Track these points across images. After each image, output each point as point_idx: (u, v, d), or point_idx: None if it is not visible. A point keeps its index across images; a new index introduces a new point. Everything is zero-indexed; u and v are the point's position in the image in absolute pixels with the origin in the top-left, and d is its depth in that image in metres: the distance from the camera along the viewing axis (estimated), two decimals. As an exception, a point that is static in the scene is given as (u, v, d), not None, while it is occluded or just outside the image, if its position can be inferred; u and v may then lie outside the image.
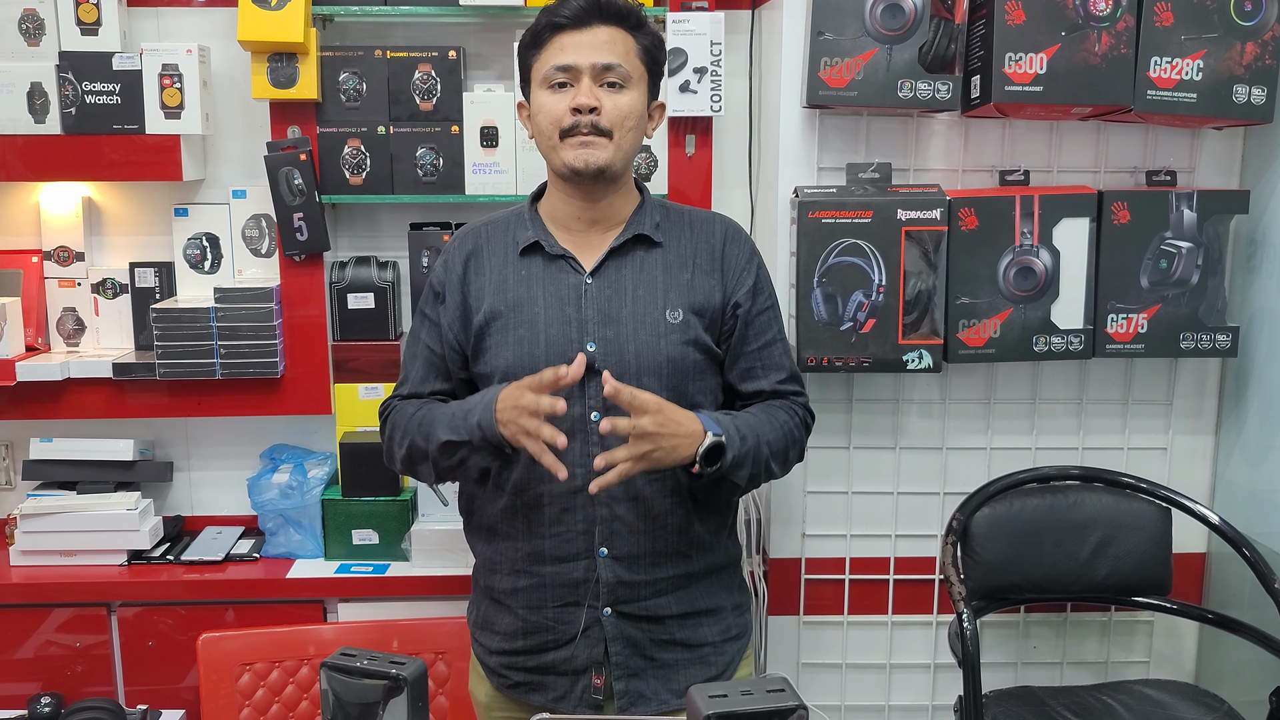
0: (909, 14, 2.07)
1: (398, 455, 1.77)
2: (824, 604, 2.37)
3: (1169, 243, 2.18)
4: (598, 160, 1.65)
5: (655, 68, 1.73)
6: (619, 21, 1.67)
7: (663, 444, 1.58)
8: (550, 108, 1.66)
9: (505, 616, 1.77)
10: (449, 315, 1.75)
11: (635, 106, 1.68)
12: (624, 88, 1.66)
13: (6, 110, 2.25)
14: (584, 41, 1.65)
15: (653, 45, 1.71)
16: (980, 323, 2.17)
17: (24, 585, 2.31)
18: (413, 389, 1.79)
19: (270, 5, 2.19)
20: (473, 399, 1.67)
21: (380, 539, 2.40)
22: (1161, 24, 2.07)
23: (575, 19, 1.64)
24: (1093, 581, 2.20)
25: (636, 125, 1.69)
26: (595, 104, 1.64)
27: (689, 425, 1.61)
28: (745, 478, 1.69)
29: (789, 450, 1.76)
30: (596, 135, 1.65)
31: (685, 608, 1.75)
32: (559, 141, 1.66)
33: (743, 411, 1.76)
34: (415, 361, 1.80)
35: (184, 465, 2.56)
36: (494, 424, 1.60)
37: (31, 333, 2.41)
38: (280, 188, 2.28)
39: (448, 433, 1.66)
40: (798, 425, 1.79)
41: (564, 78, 1.65)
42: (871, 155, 2.22)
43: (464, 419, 1.64)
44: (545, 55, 1.67)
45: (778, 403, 1.79)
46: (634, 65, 1.68)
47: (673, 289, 1.72)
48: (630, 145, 1.70)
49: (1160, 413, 2.35)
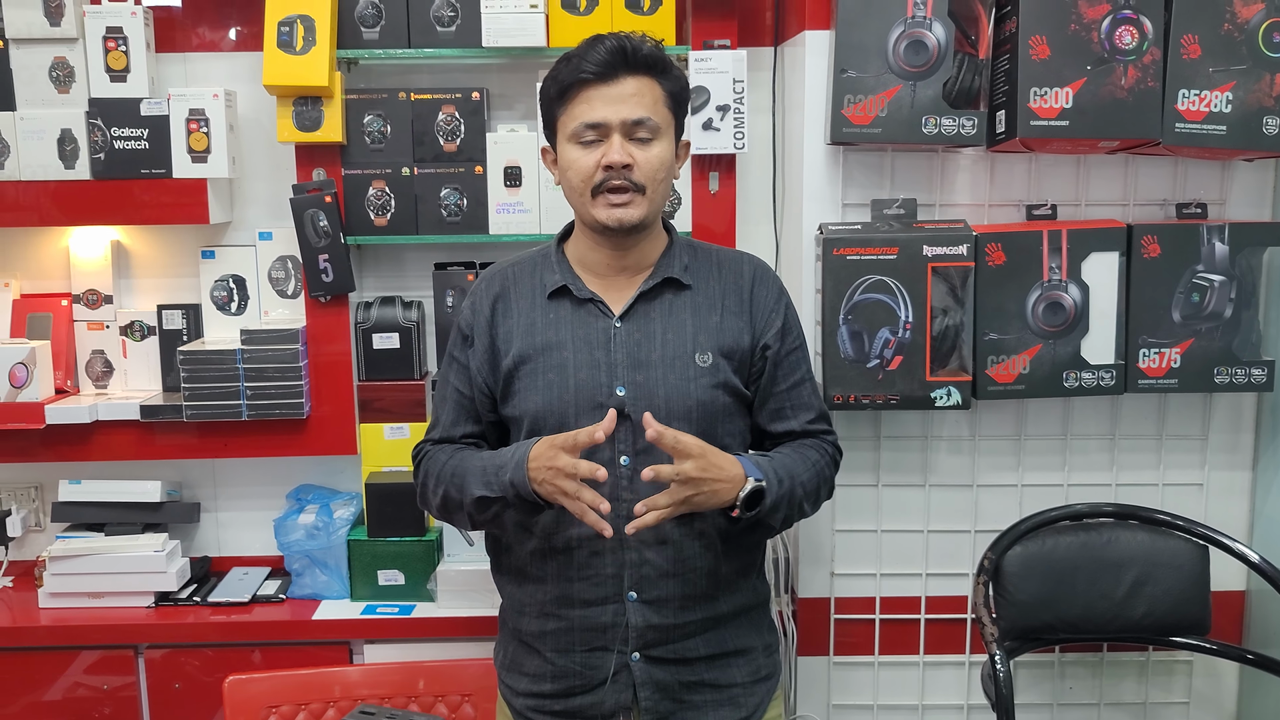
0: (932, 50, 2.06)
1: (433, 503, 1.77)
2: (854, 644, 2.34)
3: (1201, 276, 2.15)
4: (632, 218, 1.65)
5: (681, 111, 1.72)
6: (646, 70, 1.64)
7: (704, 489, 1.58)
8: (580, 164, 1.65)
9: (533, 659, 1.76)
10: (477, 358, 1.75)
11: (665, 157, 1.67)
12: (653, 140, 1.65)
13: (38, 157, 2.28)
14: (612, 95, 1.62)
15: (679, 90, 1.70)
16: (1009, 359, 2.14)
17: (53, 628, 2.32)
18: (444, 433, 1.79)
19: (295, 50, 2.21)
20: (504, 454, 1.66)
21: (406, 579, 2.39)
22: (1189, 56, 2.05)
23: (602, 72, 1.62)
24: (1129, 621, 2.16)
25: (667, 175, 1.69)
26: (627, 161, 1.63)
27: (730, 469, 1.60)
28: (780, 520, 1.69)
29: (820, 489, 1.77)
30: (630, 192, 1.64)
31: (714, 649, 1.74)
32: (590, 199, 1.65)
33: (775, 453, 1.75)
34: (445, 404, 1.80)
35: (211, 506, 2.56)
36: (527, 482, 1.59)
37: (61, 375, 2.43)
38: (306, 229, 2.29)
39: (481, 488, 1.65)
40: (828, 463, 1.79)
41: (594, 134, 1.64)
42: (897, 191, 2.21)
43: (496, 475, 1.64)
44: (573, 110, 1.65)
45: (808, 441, 1.78)
46: (662, 115, 1.66)
47: (702, 332, 1.72)
48: (662, 196, 1.70)
49: (1195, 448, 2.31)
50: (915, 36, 2.06)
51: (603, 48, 1.62)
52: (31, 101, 2.30)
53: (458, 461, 1.72)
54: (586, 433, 1.55)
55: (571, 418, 1.68)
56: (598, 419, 1.65)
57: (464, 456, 1.73)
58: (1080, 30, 2.03)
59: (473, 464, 1.70)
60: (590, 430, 1.55)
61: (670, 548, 1.68)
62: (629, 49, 1.62)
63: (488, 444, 1.80)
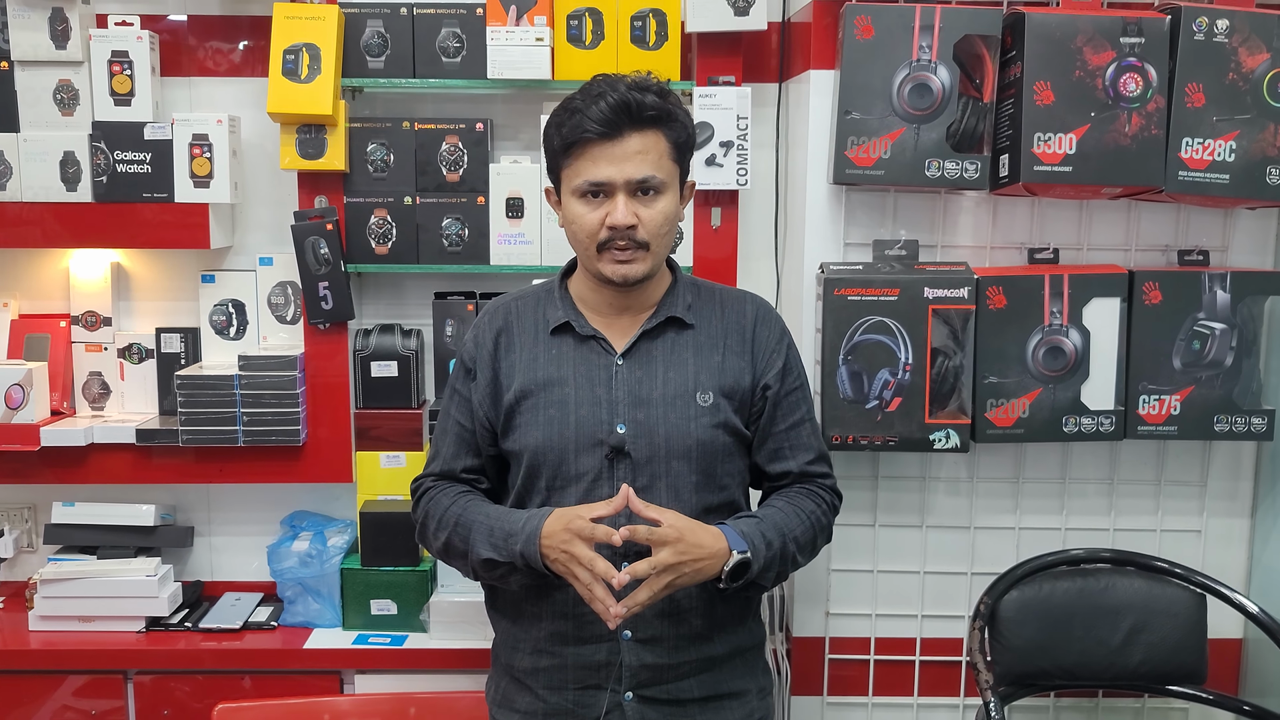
0: (937, 94, 2.06)
1: (433, 545, 1.76)
2: (848, 684, 2.32)
3: (1202, 324, 2.14)
4: (636, 274, 1.66)
5: (686, 157, 1.71)
6: (651, 125, 1.63)
7: (685, 571, 1.58)
8: (585, 221, 1.65)
9: (525, 696, 1.75)
10: (480, 391, 1.75)
11: (669, 212, 1.66)
12: (659, 194, 1.65)
13: (40, 178, 2.28)
14: (616, 154, 1.61)
15: (684, 139, 1.68)
16: (1009, 402, 2.14)
17: (42, 651, 2.30)
18: (444, 466, 1.78)
19: (300, 78, 2.21)
20: (514, 520, 1.65)
21: (399, 609, 2.38)
22: (1193, 105, 2.05)
23: (606, 130, 1.60)
24: (1125, 669, 2.14)
25: (672, 227, 1.69)
26: (632, 221, 1.62)
27: (712, 545, 1.60)
28: (772, 578, 1.70)
29: (817, 539, 1.76)
30: (634, 249, 1.64)
31: (708, 691, 1.73)
32: (595, 254, 1.66)
33: (768, 507, 1.75)
34: (446, 437, 1.79)
35: (205, 530, 2.55)
36: (538, 557, 1.59)
37: (57, 397, 2.42)
38: (306, 257, 2.29)
39: (489, 550, 1.65)
40: (825, 512, 1.78)
41: (598, 189, 1.63)
42: (899, 231, 2.21)
43: (505, 541, 1.63)
44: (577, 165, 1.64)
45: (804, 489, 1.78)
46: (667, 169, 1.65)
47: (703, 371, 1.72)
48: (666, 247, 1.70)
49: (1194, 494, 2.30)
50: (920, 80, 2.06)
51: (605, 104, 1.59)
52: (35, 123, 2.30)
53: (462, 510, 1.71)
54: (605, 531, 1.55)
55: (571, 454, 1.68)
56: (598, 456, 1.67)
57: (469, 507, 1.72)
58: (1085, 77, 2.03)
59: (479, 520, 1.68)
60: (608, 531, 1.55)
61: None
62: (633, 106, 1.60)
63: (487, 478, 1.80)
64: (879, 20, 2.06)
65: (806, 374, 1.84)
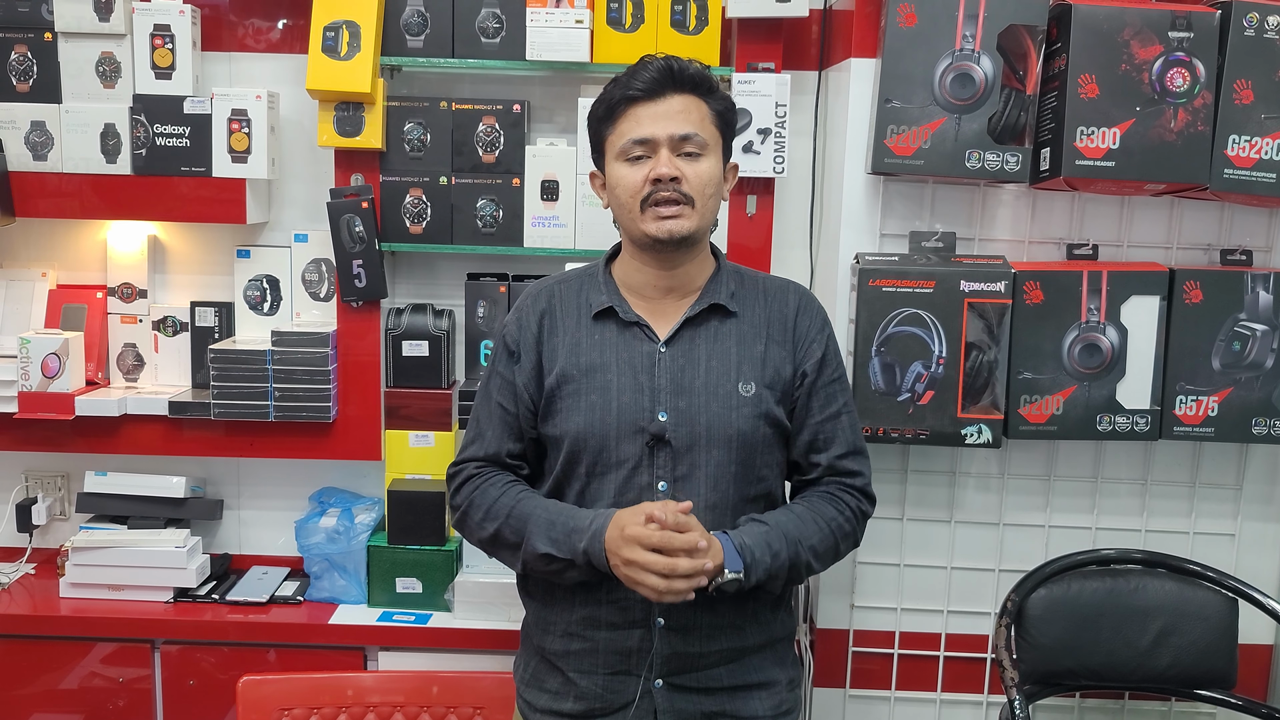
0: (979, 84, 2.04)
1: (476, 534, 1.75)
2: (872, 678, 2.31)
3: (1243, 324, 2.11)
4: (682, 229, 1.65)
5: (728, 131, 1.73)
6: (692, 89, 1.66)
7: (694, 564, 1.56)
8: (629, 179, 1.65)
9: (555, 677, 1.75)
10: (524, 374, 1.74)
11: (714, 173, 1.68)
12: (701, 155, 1.66)
13: (81, 149, 2.30)
14: (659, 112, 1.64)
15: (725, 110, 1.71)
16: (1043, 399, 2.12)
17: (72, 618, 2.33)
18: (488, 450, 1.77)
19: (340, 55, 2.22)
20: (578, 517, 1.64)
21: (424, 588, 2.39)
22: (1241, 102, 2.01)
23: (649, 90, 1.64)
24: (1153, 671, 2.12)
25: (716, 191, 1.69)
26: (676, 173, 1.63)
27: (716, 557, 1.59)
28: (779, 585, 1.68)
29: (838, 546, 1.73)
30: (680, 204, 1.64)
31: (738, 680, 1.72)
32: (639, 213, 1.65)
33: (787, 512, 1.72)
34: (491, 420, 1.77)
35: (234, 504, 2.57)
36: (603, 557, 1.59)
37: (92, 367, 2.45)
38: (341, 234, 2.30)
39: (548, 545, 1.64)
40: (849, 518, 1.74)
41: (642, 150, 1.65)
42: (936, 223, 2.19)
43: (566, 538, 1.63)
44: (620, 128, 1.66)
45: (829, 492, 1.75)
46: (709, 132, 1.67)
47: (745, 361, 1.71)
48: (711, 211, 1.70)
49: (1229, 497, 2.27)
50: (962, 69, 2.04)
51: (651, 67, 1.65)
52: (77, 95, 2.32)
53: (514, 502, 1.70)
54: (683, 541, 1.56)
55: (613, 441, 1.68)
56: (639, 443, 1.67)
57: (523, 499, 1.71)
58: (1131, 70, 2.01)
59: (536, 514, 1.67)
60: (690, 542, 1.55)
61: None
62: (675, 68, 1.65)
63: (528, 465, 1.80)
64: (922, 8, 2.04)
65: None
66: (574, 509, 1.67)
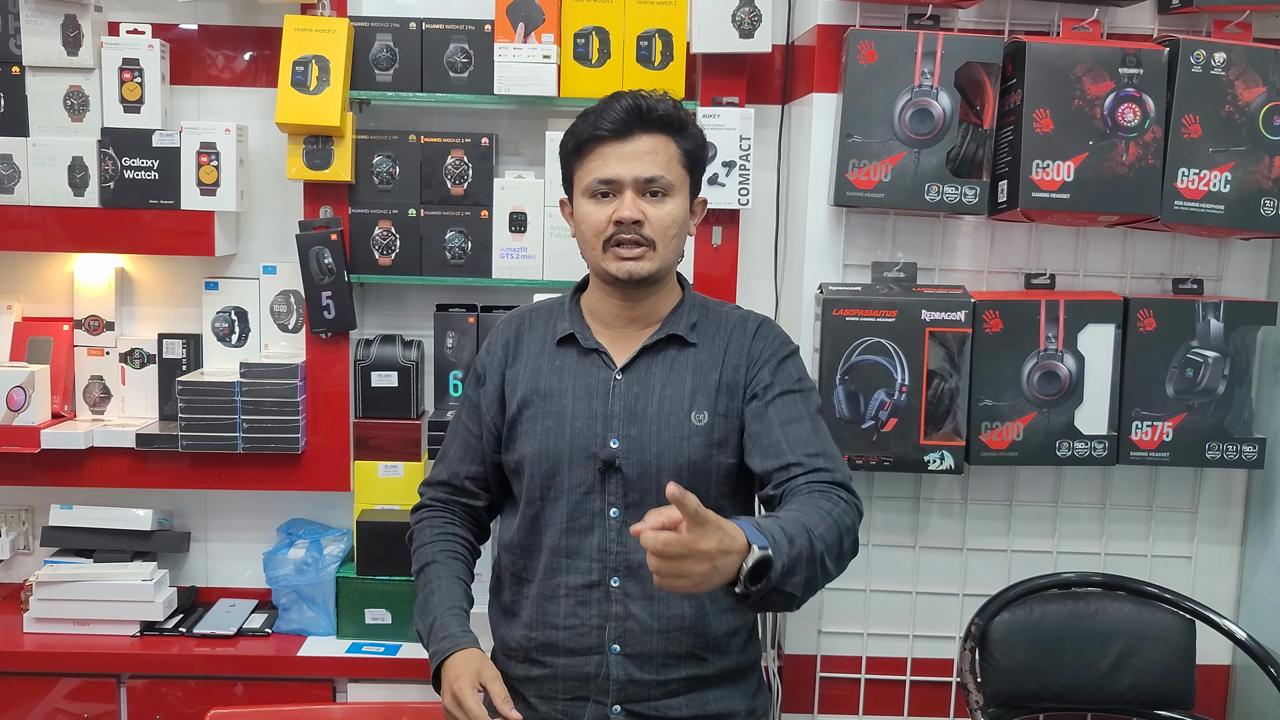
0: (938, 119, 2.09)
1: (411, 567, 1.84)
2: (839, 703, 2.33)
3: (1195, 351, 2.17)
4: (641, 271, 1.67)
5: (697, 169, 1.74)
6: (661, 129, 1.67)
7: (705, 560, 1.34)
8: (594, 218, 1.68)
9: (517, 705, 1.75)
10: (488, 398, 1.79)
11: (677, 215, 1.69)
12: (666, 196, 1.68)
13: (48, 183, 2.30)
14: (626, 153, 1.66)
15: (695, 148, 1.72)
16: (1003, 425, 2.16)
17: (35, 654, 2.30)
18: (449, 471, 1.84)
19: (309, 89, 2.23)
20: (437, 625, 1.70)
21: (393, 619, 2.38)
22: (1190, 136, 2.08)
23: (616, 130, 1.65)
24: (1114, 693, 2.16)
25: (679, 232, 1.71)
26: (638, 217, 1.65)
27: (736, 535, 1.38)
28: (801, 584, 1.46)
29: (843, 539, 1.55)
30: (641, 246, 1.66)
31: (696, 711, 1.72)
32: (602, 251, 1.68)
33: (782, 509, 1.59)
34: (454, 442, 1.85)
35: (201, 536, 2.56)
36: (434, 675, 1.67)
37: (58, 400, 2.43)
38: (310, 266, 2.31)
39: (421, 625, 1.74)
40: (845, 511, 1.58)
41: (607, 189, 1.67)
42: (897, 253, 2.23)
43: (428, 634, 1.71)
44: (588, 165, 1.68)
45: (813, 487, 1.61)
46: (676, 173, 1.69)
47: (700, 391, 1.71)
48: (673, 252, 1.71)
49: (1185, 520, 2.32)
50: (921, 105, 2.09)
51: (619, 106, 1.66)
52: (45, 128, 2.32)
53: (428, 562, 1.79)
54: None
55: (565, 465, 1.70)
56: (590, 469, 1.69)
57: (434, 569, 1.78)
58: (1084, 105, 2.07)
59: (430, 591, 1.75)
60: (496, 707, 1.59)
61: (656, 603, 1.68)
62: (644, 108, 1.66)
63: (489, 490, 1.84)
64: (882, 46, 2.09)
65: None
66: (447, 607, 1.72)
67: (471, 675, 1.60)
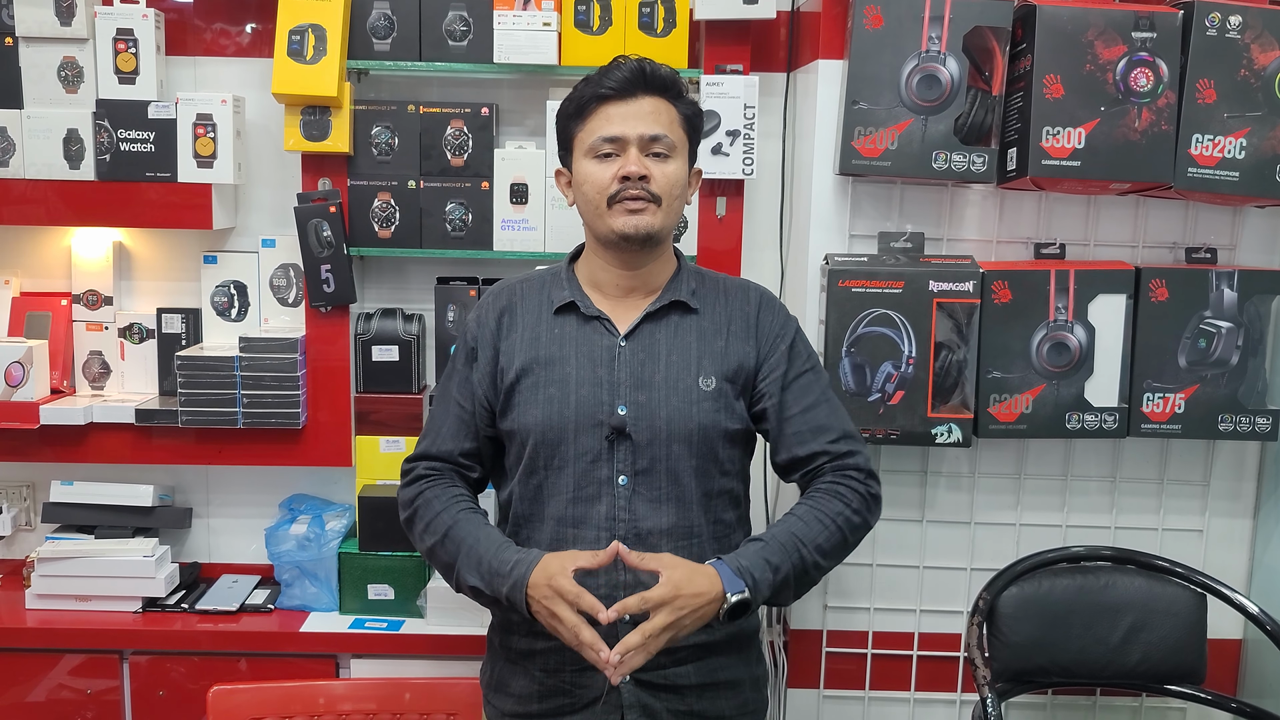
0: (945, 85, 2.05)
1: (418, 543, 1.78)
2: (846, 678, 2.31)
3: (1208, 322, 2.13)
4: (648, 226, 1.66)
5: (695, 135, 1.76)
6: (662, 92, 1.69)
7: (685, 624, 1.57)
8: (597, 176, 1.67)
9: (521, 679, 1.75)
10: (480, 371, 1.76)
11: (680, 175, 1.70)
12: (669, 157, 1.68)
13: (43, 155, 2.27)
14: (630, 112, 1.67)
15: (693, 114, 1.74)
16: (1012, 398, 2.13)
17: (38, 630, 2.30)
18: (442, 447, 1.79)
19: (306, 59, 2.20)
20: (504, 558, 1.64)
21: (396, 594, 2.37)
22: (1204, 101, 2.03)
23: (620, 90, 1.67)
24: (1123, 667, 2.14)
25: (681, 194, 1.72)
26: (645, 172, 1.65)
27: (709, 591, 1.57)
28: (790, 596, 1.68)
29: (846, 540, 1.71)
30: (647, 202, 1.66)
31: (704, 678, 1.73)
32: (606, 209, 1.67)
33: (787, 518, 1.70)
34: (446, 417, 1.80)
35: (203, 512, 2.55)
36: (524, 605, 1.60)
37: (57, 375, 2.42)
38: (309, 239, 2.28)
39: (476, 579, 1.66)
40: (856, 510, 1.71)
41: (611, 148, 1.67)
42: (905, 223, 2.19)
43: (492, 579, 1.63)
44: (590, 125, 1.68)
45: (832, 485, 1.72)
46: (677, 135, 1.70)
47: (706, 356, 1.72)
48: (676, 213, 1.72)
49: (1196, 494, 2.29)
50: (929, 71, 2.05)
51: (623, 68, 1.68)
52: (39, 100, 2.29)
53: (453, 522, 1.71)
54: (590, 603, 1.55)
55: (571, 434, 1.69)
56: (598, 436, 1.68)
57: (460, 521, 1.71)
58: (1095, 71, 2.02)
59: (469, 544, 1.68)
60: (594, 604, 1.54)
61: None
62: (648, 70, 1.68)
63: (482, 464, 1.80)
64: (889, 10, 2.05)
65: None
66: (503, 545, 1.66)
67: (552, 593, 1.56)
